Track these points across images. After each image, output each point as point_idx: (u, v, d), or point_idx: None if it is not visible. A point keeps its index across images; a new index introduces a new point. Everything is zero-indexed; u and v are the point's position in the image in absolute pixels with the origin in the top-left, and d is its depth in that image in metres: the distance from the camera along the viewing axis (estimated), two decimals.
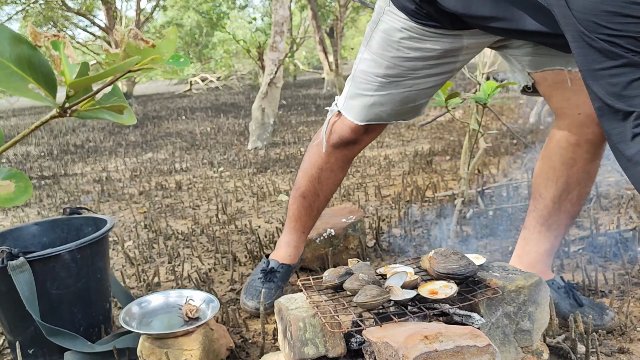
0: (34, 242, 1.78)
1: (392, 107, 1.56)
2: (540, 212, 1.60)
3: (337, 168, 1.76)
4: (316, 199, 1.82)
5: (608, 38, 0.98)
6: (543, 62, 1.50)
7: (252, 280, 1.84)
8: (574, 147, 1.52)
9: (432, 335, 1.01)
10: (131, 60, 0.53)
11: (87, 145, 6.48)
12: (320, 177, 1.77)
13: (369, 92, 1.55)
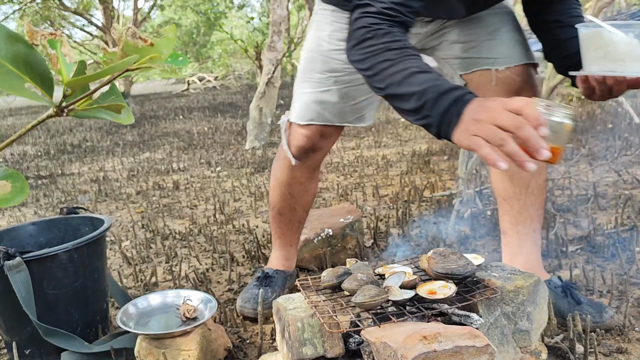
0: (30, 242, 1.77)
1: (332, 105, 1.55)
2: (510, 213, 1.62)
3: (305, 180, 1.74)
4: (294, 213, 1.81)
5: None
6: (472, 63, 1.54)
7: (248, 288, 1.84)
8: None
9: (431, 336, 1.01)
10: (129, 59, 0.53)
11: (84, 145, 6.46)
12: (292, 193, 1.76)
13: (309, 89, 1.57)
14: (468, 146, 0.99)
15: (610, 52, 1.15)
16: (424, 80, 1.06)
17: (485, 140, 0.94)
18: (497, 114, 0.94)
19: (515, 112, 0.93)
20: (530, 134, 0.91)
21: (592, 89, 1.27)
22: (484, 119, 0.96)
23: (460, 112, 1.00)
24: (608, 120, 4.81)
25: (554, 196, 2.77)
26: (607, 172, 3.14)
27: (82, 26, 14.04)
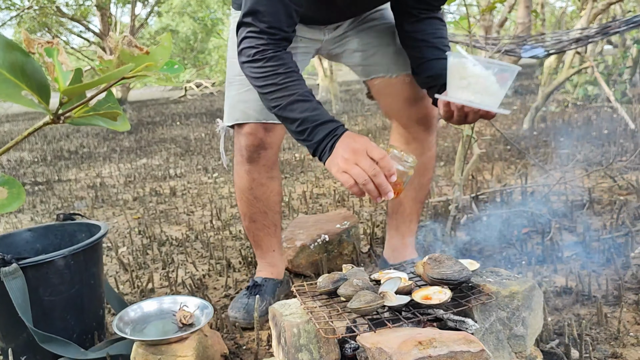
0: (27, 248, 1.77)
1: (254, 102, 1.60)
2: (390, 204, 1.92)
3: (265, 180, 1.74)
4: (265, 216, 1.80)
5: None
6: (370, 70, 1.74)
7: (238, 297, 1.83)
8: (405, 146, 1.73)
9: (426, 341, 1.02)
10: (125, 67, 0.53)
11: (81, 151, 6.46)
12: (256, 196, 1.76)
13: (234, 91, 1.67)
14: (338, 178, 1.23)
15: (471, 83, 1.27)
16: (305, 109, 1.28)
17: (353, 178, 1.20)
18: (360, 157, 1.20)
19: (375, 161, 1.20)
20: (382, 181, 1.19)
21: (452, 113, 1.39)
22: (350, 159, 1.20)
23: (332, 146, 1.24)
24: (603, 126, 4.83)
25: (550, 202, 2.79)
26: (603, 177, 3.16)
27: (80, 32, 14.07)
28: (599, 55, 7.65)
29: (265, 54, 1.32)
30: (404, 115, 1.75)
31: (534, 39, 4.65)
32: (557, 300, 1.74)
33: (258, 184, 1.74)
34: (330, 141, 1.25)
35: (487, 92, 1.28)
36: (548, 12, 15.11)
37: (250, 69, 1.35)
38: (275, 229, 1.86)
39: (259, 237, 1.85)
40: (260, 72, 1.33)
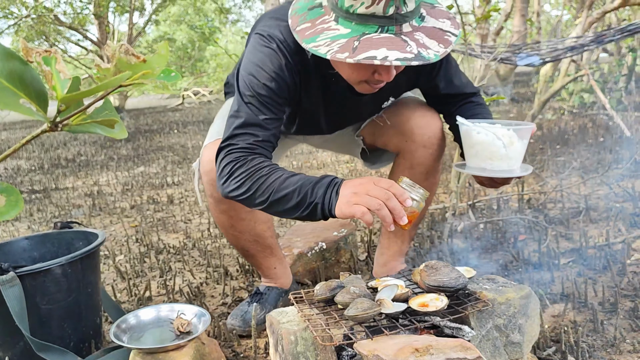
0: (24, 256, 1.77)
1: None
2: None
3: (244, 214, 1.67)
4: (257, 244, 1.76)
5: None
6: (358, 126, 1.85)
7: (240, 305, 1.83)
8: (409, 170, 1.73)
9: (423, 348, 1.02)
10: (122, 75, 0.54)
11: (78, 159, 6.46)
12: (240, 230, 1.71)
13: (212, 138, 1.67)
14: (351, 214, 1.18)
15: (479, 151, 1.27)
16: (298, 179, 1.26)
17: (365, 207, 1.16)
18: (370, 187, 1.18)
19: (385, 189, 1.17)
20: (396, 205, 1.16)
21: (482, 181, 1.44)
22: (360, 192, 1.18)
23: (337, 191, 1.22)
24: (599, 133, 4.85)
25: (546, 209, 2.79)
26: (599, 185, 3.17)
27: (78, 41, 14.09)
28: (595, 63, 7.70)
29: (246, 159, 1.31)
30: (410, 140, 1.70)
31: (529, 47, 4.67)
32: (553, 308, 1.74)
33: (237, 219, 1.68)
34: (333, 189, 1.22)
35: (495, 157, 1.25)
36: (544, 21, 15.20)
37: (234, 179, 1.30)
38: (272, 250, 1.80)
39: (256, 261, 1.82)
40: (245, 174, 1.29)
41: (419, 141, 1.68)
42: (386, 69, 1.28)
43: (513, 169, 1.26)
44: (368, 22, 1.19)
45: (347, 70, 1.34)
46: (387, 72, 1.28)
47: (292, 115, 1.64)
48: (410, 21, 1.22)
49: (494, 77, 8.57)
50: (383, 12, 1.18)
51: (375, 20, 1.19)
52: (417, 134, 1.68)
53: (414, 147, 1.70)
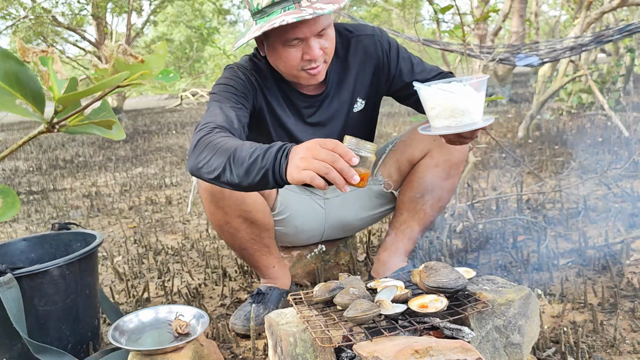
0: (22, 258, 1.76)
1: None
2: (394, 222, 1.91)
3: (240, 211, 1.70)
4: (254, 242, 1.77)
5: None
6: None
7: (242, 305, 1.83)
8: (434, 168, 1.79)
9: (423, 350, 1.01)
10: (120, 75, 0.53)
11: (76, 160, 6.45)
12: (236, 228, 1.72)
13: None
14: (301, 179, 1.19)
15: (440, 111, 1.29)
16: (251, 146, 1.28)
17: (314, 171, 1.17)
18: (316, 151, 1.18)
19: (330, 150, 1.18)
20: (344, 166, 1.17)
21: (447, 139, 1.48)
22: (307, 156, 1.19)
23: (287, 155, 1.23)
24: (598, 134, 4.85)
25: (545, 209, 2.79)
26: (597, 185, 3.17)
27: (75, 42, 14.08)
28: (593, 63, 7.71)
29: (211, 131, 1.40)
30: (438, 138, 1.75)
31: (528, 47, 4.67)
32: (553, 308, 1.74)
33: (233, 216, 1.69)
34: (283, 153, 1.24)
35: (457, 112, 1.28)
36: (542, 21, 15.22)
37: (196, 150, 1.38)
38: (269, 250, 1.82)
39: (253, 259, 1.82)
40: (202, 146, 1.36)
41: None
42: (308, 45, 1.49)
43: (475, 121, 1.29)
44: (273, 9, 1.45)
45: (281, 64, 1.56)
46: (311, 48, 1.49)
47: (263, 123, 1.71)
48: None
49: (492, 78, 8.57)
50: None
51: (277, 6, 1.45)
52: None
53: (443, 144, 1.71)
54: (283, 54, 1.52)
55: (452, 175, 1.82)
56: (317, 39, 1.50)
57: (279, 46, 1.51)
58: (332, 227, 1.98)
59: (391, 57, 1.73)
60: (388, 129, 6.74)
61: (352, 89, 1.75)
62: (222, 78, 1.65)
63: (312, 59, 1.51)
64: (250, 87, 1.64)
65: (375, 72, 1.75)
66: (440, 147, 1.78)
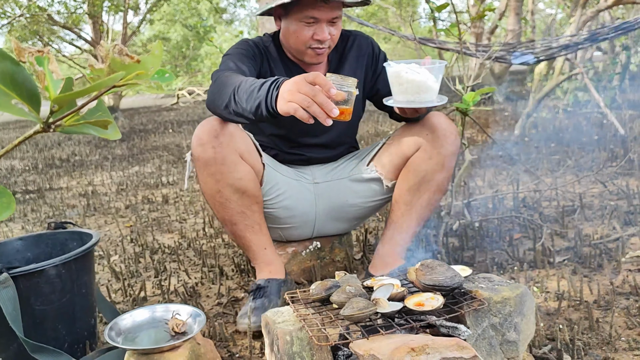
0: (17, 257, 1.76)
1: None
2: (392, 215, 1.93)
3: (231, 177, 1.76)
4: (245, 216, 1.79)
5: None
6: None
7: (245, 305, 1.82)
8: (428, 161, 1.84)
9: (419, 347, 1.02)
10: (115, 75, 0.53)
11: (72, 159, 6.43)
12: (229, 197, 1.76)
13: None
14: (286, 111, 1.33)
15: (408, 88, 1.51)
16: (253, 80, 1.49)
17: (297, 104, 1.30)
18: (300, 85, 1.31)
19: (312, 83, 1.30)
20: (323, 99, 1.28)
21: (403, 111, 1.70)
22: (292, 89, 1.32)
23: (278, 87, 1.39)
24: (593, 132, 4.87)
25: (541, 207, 2.80)
26: (593, 183, 3.18)
27: (72, 40, 14.03)
28: (589, 61, 7.72)
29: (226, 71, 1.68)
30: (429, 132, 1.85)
31: (524, 45, 4.68)
32: (548, 305, 1.75)
33: (224, 184, 1.73)
34: (275, 85, 1.40)
35: (421, 90, 1.50)
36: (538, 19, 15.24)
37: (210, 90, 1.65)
38: (260, 227, 1.84)
39: (245, 238, 1.83)
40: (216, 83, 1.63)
41: (441, 131, 1.83)
42: (321, 27, 1.72)
43: (433, 99, 1.52)
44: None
45: (292, 38, 1.77)
46: (322, 30, 1.71)
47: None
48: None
49: (488, 76, 8.58)
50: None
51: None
52: (439, 127, 1.84)
53: (435, 137, 1.82)
54: (297, 29, 1.74)
55: (446, 166, 1.86)
56: (329, 25, 1.74)
57: (294, 22, 1.73)
58: (324, 214, 2.00)
59: (379, 59, 1.96)
60: (385, 127, 6.74)
61: (346, 74, 1.87)
62: (233, 47, 1.85)
63: (321, 39, 1.73)
64: (258, 54, 1.85)
65: (367, 70, 1.96)
66: (432, 141, 1.83)
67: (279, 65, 1.88)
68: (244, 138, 1.78)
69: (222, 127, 1.70)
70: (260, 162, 1.82)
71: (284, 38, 1.84)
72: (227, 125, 1.71)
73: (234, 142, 1.72)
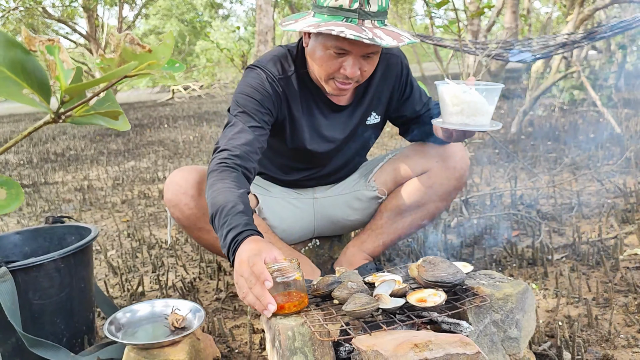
0: (15, 251, 1.75)
1: None
2: (372, 221, 1.92)
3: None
4: None
5: None
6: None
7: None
8: (428, 189, 1.82)
9: (422, 343, 1.01)
10: (128, 65, 0.52)
11: (67, 154, 6.40)
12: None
13: None
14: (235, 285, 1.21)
15: (464, 109, 1.39)
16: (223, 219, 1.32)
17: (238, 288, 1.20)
18: (242, 268, 1.19)
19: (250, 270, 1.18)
20: (259, 293, 1.16)
21: (451, 134, 1.54)
22: (237, 271, 1.21)
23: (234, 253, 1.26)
24: (590, 130, 4.88)
25: (539, 205, 2.81)
26: (590, 181, 3.19)
27: (66, 34, 13.95)
28: (585, 60, 7.74)
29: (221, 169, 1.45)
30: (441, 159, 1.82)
31: (521, 43, 4.68)
32: (547, 303, 1.75)
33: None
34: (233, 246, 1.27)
35: (479, 113, 1.38)
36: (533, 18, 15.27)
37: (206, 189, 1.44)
38: (274, 245, 1.73)
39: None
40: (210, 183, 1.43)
41: (452, 163, 1.80)
42: (350, 61, 1.48)
43: (486, 124, 1.41)
44: (336, 14, 1.43)
45: (317, 64, 1.55)
46: (351, 66, 1.49)
47: (281, 132, 1.72)
48: (372, 20, 1.44)
49: (485, 74, 8.59)
50: (348, 6, 1.41)
51: (342, 13, 1.42)
52: (452, 157, 1.79)
53: (444, 167, 1.79)
54: (323, 57, 1.52)
55: (443, 199, 1.86)
56: (361, 60, 1.51)
57: (322, 47, 1.51)
58: (322, 225, 1.98)
59: (408, 81, 1.80)
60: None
61: (370, 102, 1.78)
62: (247, 85, 1.61)
63: (348, 75, 1.51)
64: (275, 100, 1.64)
65: (392, 91, 1.80)
66: (440, 170, 1.80)
67: (298, 104, 1.69)
68: None
69: (185, 179, 1.64)
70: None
71: (310, 58, 1.60)
72: (189, 174, 1.65)
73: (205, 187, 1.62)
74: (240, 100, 1.59)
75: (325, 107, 1.73)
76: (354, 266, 1.85)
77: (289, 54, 1.69)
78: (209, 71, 17.58)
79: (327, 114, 1.74)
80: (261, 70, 1.63)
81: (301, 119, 1.71)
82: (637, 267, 1.95)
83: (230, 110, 1.61)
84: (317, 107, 1.73)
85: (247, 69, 1.67)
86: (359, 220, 1.97)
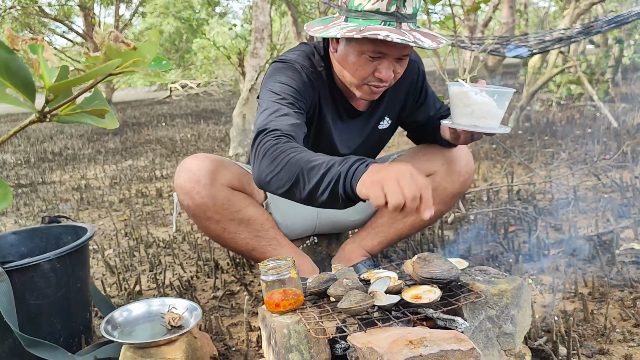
0: (12, 251, 1.74)
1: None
2: (373, 219, 1.91)
3: (230, 211, 1.66)
4: (260, 239, 1.71)
5: None
6: None
7: None
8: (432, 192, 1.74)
9: (417, 340, 1.02)
10: (112, 62, 0.52)
11: (65, 153, 6.39)
12: (236, 230, 1.69)
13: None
14: (367, 194, 1.11)
15: (475, 110, 1.38)
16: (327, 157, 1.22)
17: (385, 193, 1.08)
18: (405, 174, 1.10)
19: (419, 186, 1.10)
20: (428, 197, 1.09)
21: (459, 135, 1.55)
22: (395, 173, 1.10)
23: (367, 165, 1.15)
24: (587, 125, 4.88)
25: (536, 200, 2.81)
26: (587, 176, 3.19)
27: (63, 33, 13.90)
28: (582, 55, 7.74)
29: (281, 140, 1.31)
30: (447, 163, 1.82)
31: (517, 38, 4.68)
32: (543, 298, 1.75)
33: (226, 220, 1.66)
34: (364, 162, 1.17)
35: (489, 115, 1.38)
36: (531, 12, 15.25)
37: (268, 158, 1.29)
38: (279, 241, 1.75)
39: (267, 253, 1.74)
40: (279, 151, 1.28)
41: (457, 167, 1.80)
42: (385, 64, 1.45)
43: (496, 126, 1.41)
44: (373, 17, 1.39)
45: (349, 70, 1.51)
46: (386, 68, 1.46)
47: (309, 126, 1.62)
48: (409, 22, 1.42)
49: (482, 69, 8.58)
50: (386, 9, 1.38)
51: (379, 16, 1.39)
52: (457, 161, 1.80)
53: (449, 171, 1.79)
54: (356, 62, 1.48)
55: (446, 203, 1.86)
56: (394, 62, 1.48)
57: (356, 53, 1.46)
58: (324, 224, 1.98)
59: (423, 87, 1.80)
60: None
61: (384, 107, 1.76)
62: (284, 75, 1.54)
63: (384, 78, 1.48)
64: (312, 92, 1.59)
65: (407, 96, 1.78)
66: (444, 174, 1.80)
67: (328, 100, 1.66)
68: (228, 167, 1.67)
69: (199, 167, 1.61)
70: None
71: (339, 64, 1.55)
72: (202, 162, 1.62)
73: (219, 177, 1.62)
74: (276, 88, 1.50)
75: (344, 111, 1.71)
76: (352, 262, 1.85)
77: (316, 51, 1.64)
78: (206, 69, 17.55)
79: (344, 118, 1.72)
80: (294, 62, 1.58)
81: (327, 116, 1.67)
82: (633, 262, 1.95)
83: (261, 98, 1.52)
84: (339, 110, 1.70)
85: (276, 62, 1.60)
86: (360, 220, 1.97)
